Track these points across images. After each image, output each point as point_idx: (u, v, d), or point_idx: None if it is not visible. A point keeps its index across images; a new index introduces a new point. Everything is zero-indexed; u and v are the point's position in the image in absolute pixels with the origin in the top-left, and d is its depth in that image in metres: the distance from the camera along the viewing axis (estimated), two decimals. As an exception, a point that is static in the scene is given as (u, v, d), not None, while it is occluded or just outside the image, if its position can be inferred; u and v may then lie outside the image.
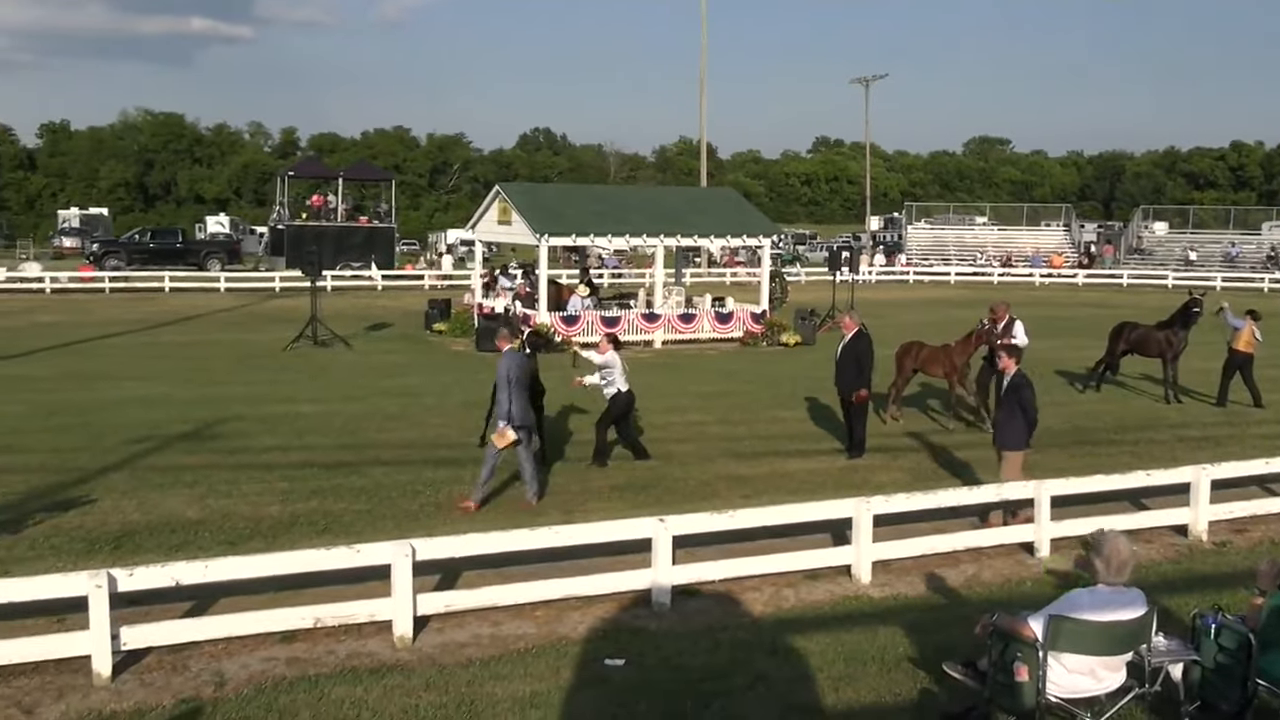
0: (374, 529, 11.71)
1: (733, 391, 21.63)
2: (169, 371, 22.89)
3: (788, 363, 26.28)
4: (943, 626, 9.29)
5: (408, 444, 15.97)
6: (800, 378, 23.19)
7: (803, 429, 17.92)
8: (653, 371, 24.10)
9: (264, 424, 17.35)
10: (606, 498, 13.27)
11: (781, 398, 20.85)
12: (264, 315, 35.94)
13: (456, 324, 30.86)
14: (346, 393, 20.38)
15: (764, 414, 19.14)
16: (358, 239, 52.70)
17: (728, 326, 29.80)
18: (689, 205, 31.44)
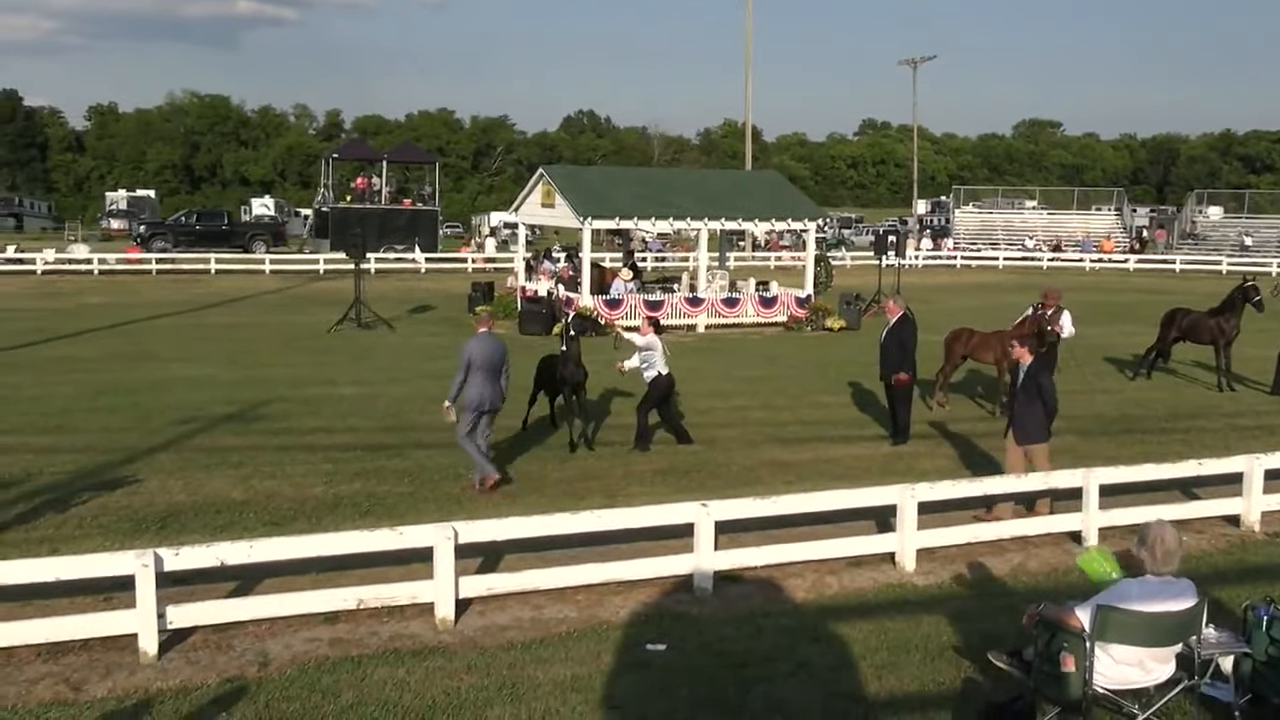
0: (416, 511, 11.80)
1: (776, 376, 21.56)
2: (214, 353, 23.16)
3: (832, 347, 26.15)
4: (988, 615, 9.23)
5: (449, 427, 15.99)
6: (844, 363, 23.06)
7: (847, 415, 17.84)
8: (696, 355, 24.07)
9: (308, 406, 17.51)
10: (649, 482, 13.30)
11: (825, 383, 20.76)
12: (308, 297, 36.24)
13: (499, 307, 30.95)
14: (390, 375, 20.52)
15: (808, 399, 19.07)
16: (401, 221, 52.96)
17: (772, 311, 29.70)
18: (733, 188, 31.33)
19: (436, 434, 15.62)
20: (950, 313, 31.90)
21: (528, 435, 15.79)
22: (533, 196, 30.78)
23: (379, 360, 22.34)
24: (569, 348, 14.87)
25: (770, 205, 30.35)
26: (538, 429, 16.18)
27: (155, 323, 28.64)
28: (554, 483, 13.23)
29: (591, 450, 14.78)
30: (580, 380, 14.91)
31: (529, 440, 15.47)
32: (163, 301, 33.70)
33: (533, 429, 16.13)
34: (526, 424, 16.09)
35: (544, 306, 27.96)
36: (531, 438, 15.65)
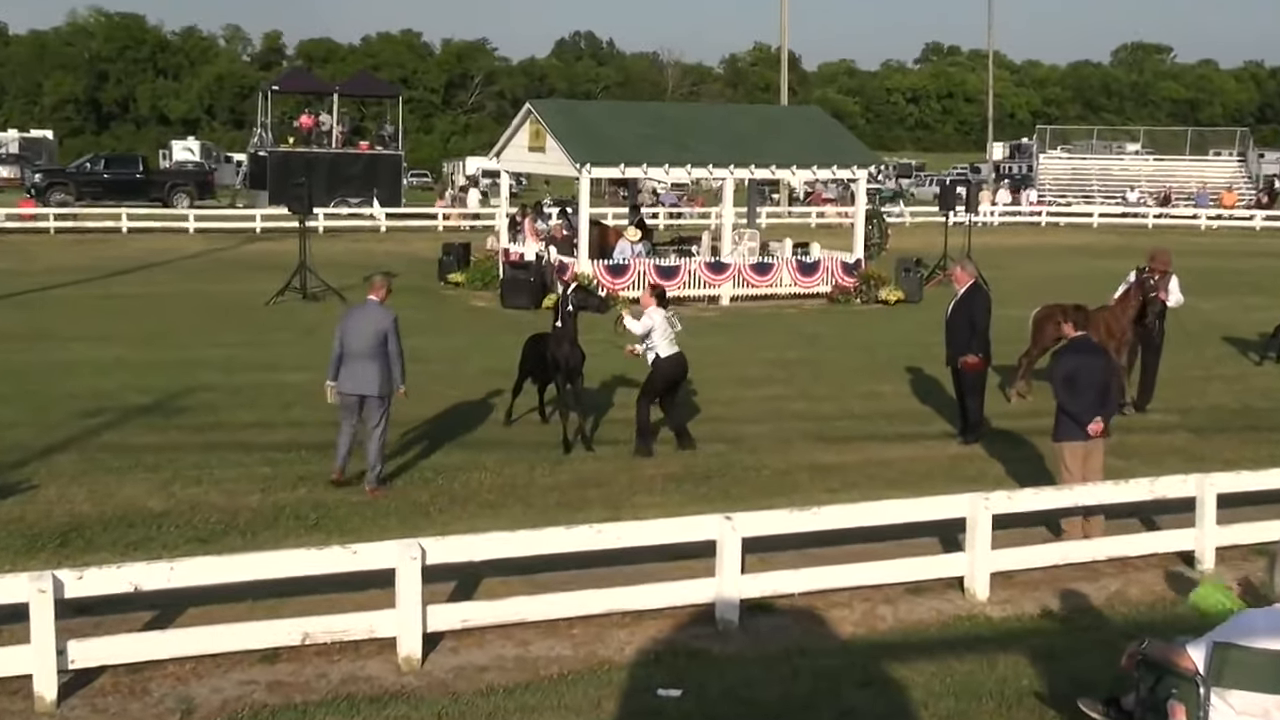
0: (375, 525, 11.81)
1: (818, 360, 21.56)
2: (126, 331, 23.20)
3: (887, 324, 26.14)
4: (1078, 654, 9.23)
5: (415, 421, 16.11)
6: (902, 343, 23.05)
7: (904, 407, 17.85)
8: (718, 333, 24.06)
9: (241, 395, 17.54)
10: (660, 490, 13.31)
11: (878, 367, 20.77)
12: (241, 262, 36.29)
13: (477, 274, 30.99)
14: (342, 358, 20.58)
15: (856, 387, 19.08)
16: (356, 169, 53.04)
17: (812, 279, 29.71)
18: (766, 128, 31.31)
19: (398, 430, 15.62)
20: (1031, 282, 31.87)
21: (512, 432, 15.82)
22: (518, 139, 30.77)
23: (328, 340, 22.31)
24: (563, 324, 14.87)
25: (811, 149, 30.32)
26: (524, 425, 16.20)
27: (53, 293, 28.71)
28: (544, 490, 13.24)
29: (590, 451, 14.79)
30: (576, 364, 14.91)
31: (513, 438, 15.49)
32: (63, 267, 33.77)
33: (518, 424, 16.16)
34: (511, 418, 16.12)
35: (532, 274, 27.98)
36: (516, 435, 15.66)
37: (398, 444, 14.87)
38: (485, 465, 14.03)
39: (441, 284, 31.37)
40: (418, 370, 19.61)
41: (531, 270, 28.13)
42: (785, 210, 57.03)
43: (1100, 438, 11.74)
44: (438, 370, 19.71)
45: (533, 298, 27.29)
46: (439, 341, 22.71)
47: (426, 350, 21.71)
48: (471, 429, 15.88)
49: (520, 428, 16.03)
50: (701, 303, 28.54)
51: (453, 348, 22.02)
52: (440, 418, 16.45)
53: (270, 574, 8.98)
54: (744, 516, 9.96)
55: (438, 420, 16.30)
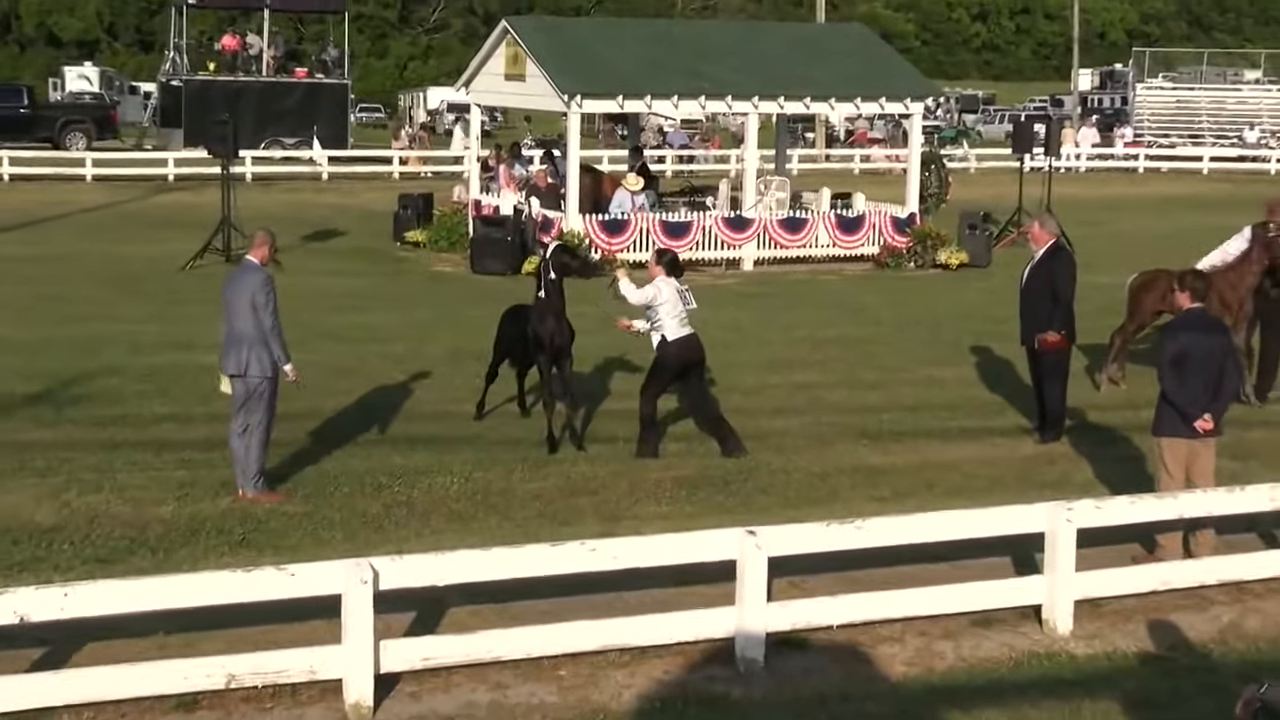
0: (315, 540, 11.84)
1: (862, 338, 21.58)
2: (8, 301, 23.21)
3: (947, 294, 26.18)
4: (1182, 701, 9.24)
5: (367, 414, 16.13)
6: (966, 317, 23.07)
7: (968, 396, 17.89)
8: (740, 306, 24.06)
9: (151, 381, 17.56)
10: (667, 497, 13.35)
11: (937, 347, 20.81)
12: (151, 217, 36.32)
13: (441, 232, 31.00)
14: (275, 336, 20.61)
15: (909, 372, 19.11)
16: (292, 102, 52.95)
17: (856, 238, 29.74)
18: (798, 52, 31.23)
19: (346, 425, 15.65)
20: (1126, 242, 31.86)
21: (485, 427, 15.84)
22: (492, 65, 30.75)
23: (259, 313, 22.42)
24: (547, 294, 14.86)
25: (854, 77, 30.27)
26: (500, 418, 16.23)
27: (-80, 256, 28.70)
28: (524, 499, 13.26)
29: (581, 450, 14.83)
30: (564, 344, 14.92)
31: (487, 435, 15.52)
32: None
33: (493, 417, 16.19)
34: (483, 410, 16.14)
35: (509, 231, 27.99)
36: (491, 431, 15.69)
37: (344, 443, 14.91)
38: (452, 468, 14.05)
39: (398, 244, 31.37)
40: (370, 352, 19.76)
41: (508, 227, 28.15)
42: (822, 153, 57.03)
43: (1210, 435, 11.72)
44: (393, 351, 19.72)
45: (510, 261, 27.30)
46: (394, 316, 22.71)
47: (379, 327, 21.72)
48: (435, 424, 15.89)
49: (495, 422, 16.05)
50: (718, 268, 28.56)
51: (411, 323, 22.03)
52: (396, 410, 16.47)
53: (187, 601, 8.98)
54: (771, 531, 9.96)
55: (393, 413, 16.31)
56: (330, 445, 14.84)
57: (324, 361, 18.74)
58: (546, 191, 29.99)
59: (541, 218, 28.34)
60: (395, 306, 23.64)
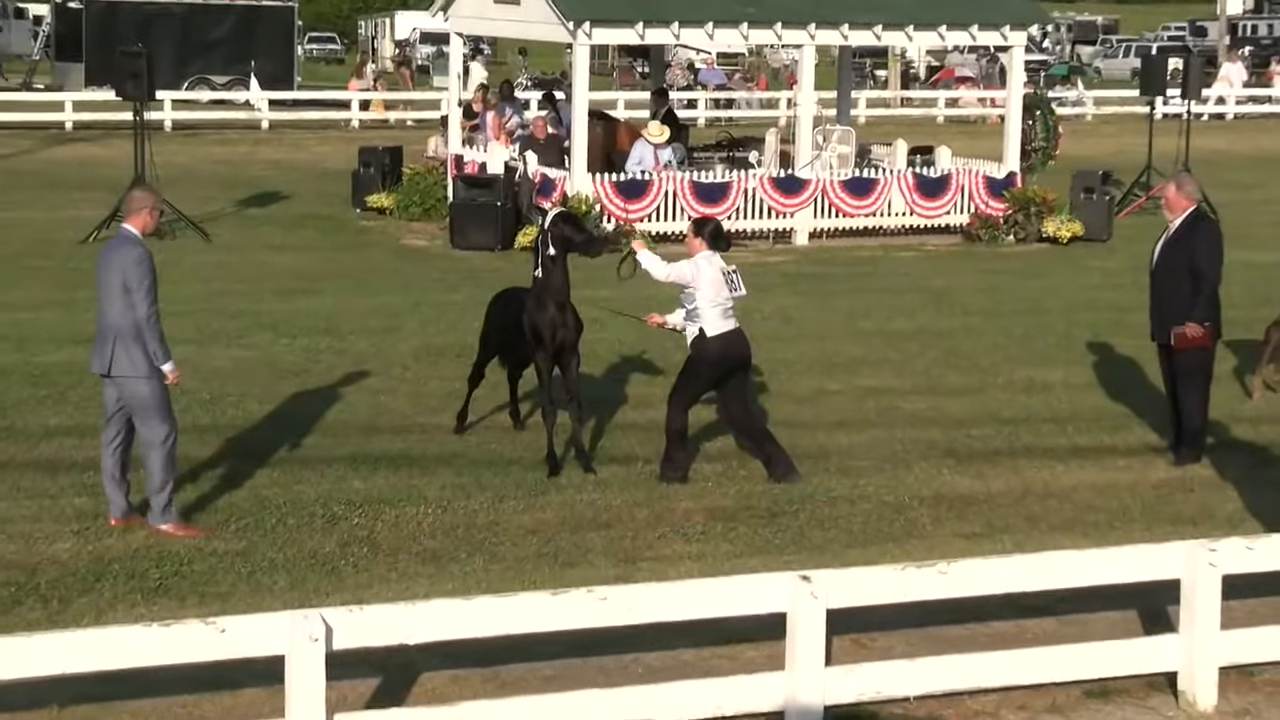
0: (252, 587, 11.83)
1: (947, 331, 21.57)
2: None
3: (1057, 275, 26.15)
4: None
5: (318, 427, 16.18)
6: (1080, 304, 23.05)
7: (1082, 405, 17.86)
8: (792, 290, 24.02)
9: (44, 385, 17.58)
10: (699, 533, 13.32)
11: (1043, 343, 20.81)
12: (44, 175, 36.32)
13: (412, 195, 30.95)
14: (202, 325, 20.66)
15: (1007, 375, 19.10)
16: (223, 30, 53.04)
17: (939, 204, 29.73)
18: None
19: (291, 439, 15.65)
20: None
21: (468, 443, 15.86)
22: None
23: (181, 297, 22.38)
24: (547, 276, 14.78)
25: (937, 0, 30.16)
26: (487, 431, 16.25)
27: None
28: (517, 534, 13.25)
29: (590, 473, 14.81)
30: (569, 339, 14.84)
31: (470, 453, 15.53)
32: None
33: (478, 431, 16.22)
34: (466, 421, 16.17)
35: (498, 195, 27.94)
36: (475, 448, 15.71)
37: (288, 463, 14.90)
38: (426, 495, 14.05)
39: (358, 211, 31.37)
40: (322, 347, 19.74)
41: (498, 189, 28.10)
42: (897, 96, 57.01)
43: None
44: (352, 347, 19.71)
45: (499, 232, 27.28)
46: (354, 302, 22.71)
47: (334, 316, 21.70)
48: (405, 439, 15.91)
49: (481, 436, 16.06)
50: (764, 241, 28.54)
51: (375, 312, 22.04)
52: (355, 421, 16.49)
53: (88, 664, 8.97)
54: (830, 576, 9.93)
55: (351, 425, 16.33)
56: (271, 466, 14.83)
57: (264, 359, 18.78)
58: (546, 144, 29.97)
59: (540, 178, 28.34)
60: (354, 290, 23.64)
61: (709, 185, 28.40)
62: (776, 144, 30.81)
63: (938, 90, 60.39)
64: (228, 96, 50.72)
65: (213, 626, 9.12)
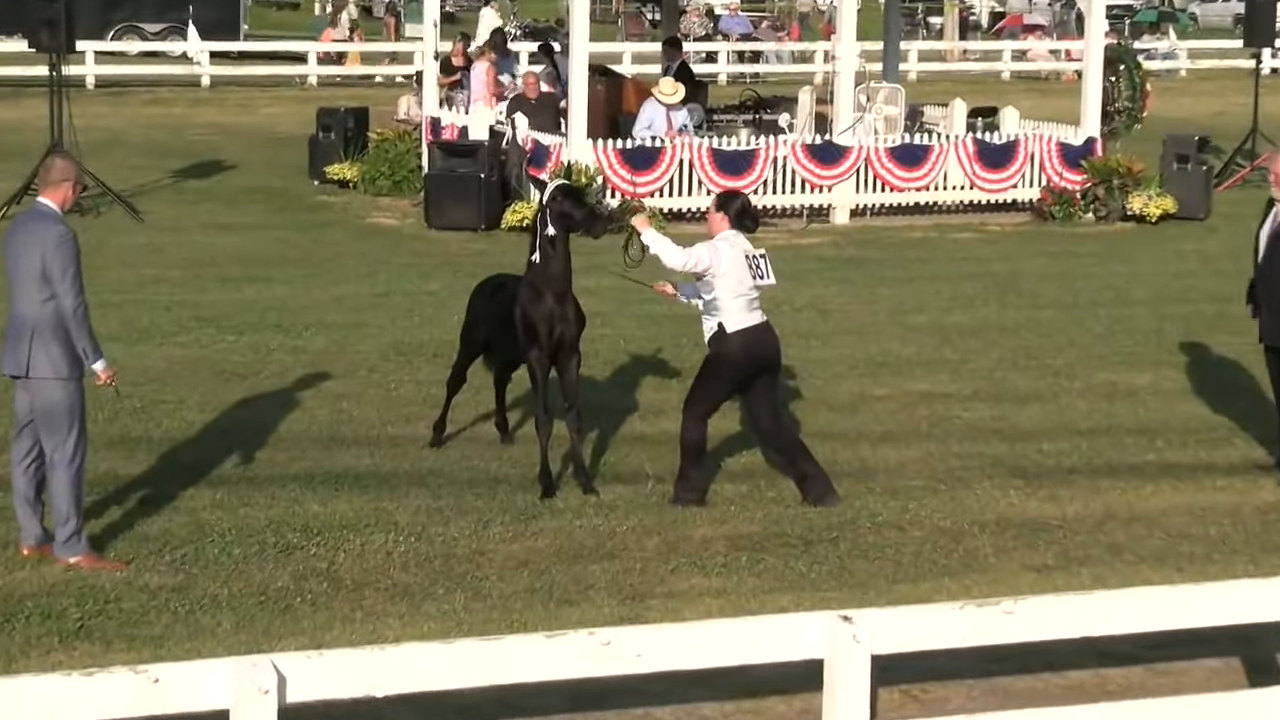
0: (191, 629, 11.83)
1: (1014, 326, 21.59)
2: None
3: (1144, 260, 26.18)
4: None
5: (268, 440, 16.19)
6: (1172, 296, 23.07)
7: (1174, 415, 17.87)
8: (830, 278, 24.03)
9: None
10: (719, 565, 13.31)
11: (1127, 341, 20.83)
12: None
13: (380, 165, 30.97)
14: (130, 319, 20.71)
15: (1084, 378, 19.12)
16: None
17: (1005, 176, 29.73)
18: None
19: (236, 454, 15.66)
20: None
21: (447, 459, 15.87)
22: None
23: (106, 286, 22.41)
24: (544, 260, 14.70)
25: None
26: (469, 444, 16.28)
27: None
28: (506, 567, 13.25)
29: (592, 494, 14.82)
30: (568, 335, 14.78)
31: (449, 470, 15.55)
32: None
33: (458, 444, 16.25)
34: (443, 432, 16.22)
35: (482, 165, 27.92)
36: (454, 465, 15.72)
37: (234, 482, 14.91)
38: (397, 520, 14.06)
39: (316, 184, 31.40)
40: (273, 345, 19.77)
41: (481, 159, 28.08)
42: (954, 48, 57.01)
43: None
44: (308, 345, 19.73)
45: (482, 209, 27.27)
46: (311, 292, 22.73)
47: (288, 308, 21.73)
48: (371, 453, 15.95)
49: (463, 451, 16.08)
50: (797, 219, 28.55)
51: (336, 304, 22.10)
52: (313, 432, 16.52)
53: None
54: (876, 616, 9.92)
55: (308, 437, 16.36)
56: (214, 485, 14.83)
57: (204, 359, 18.79)
58: (539, 104, 30.00)
59: (531, 144, 28.35)
60: (311, 278, 23.68)
61: (731, 154, 28.42)
62: (811, 105, 30.81)
63: (1002, 41, 60.40)
64: (161, 48, 50.73)
65: (144, 675, 9.13)
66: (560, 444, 15.11)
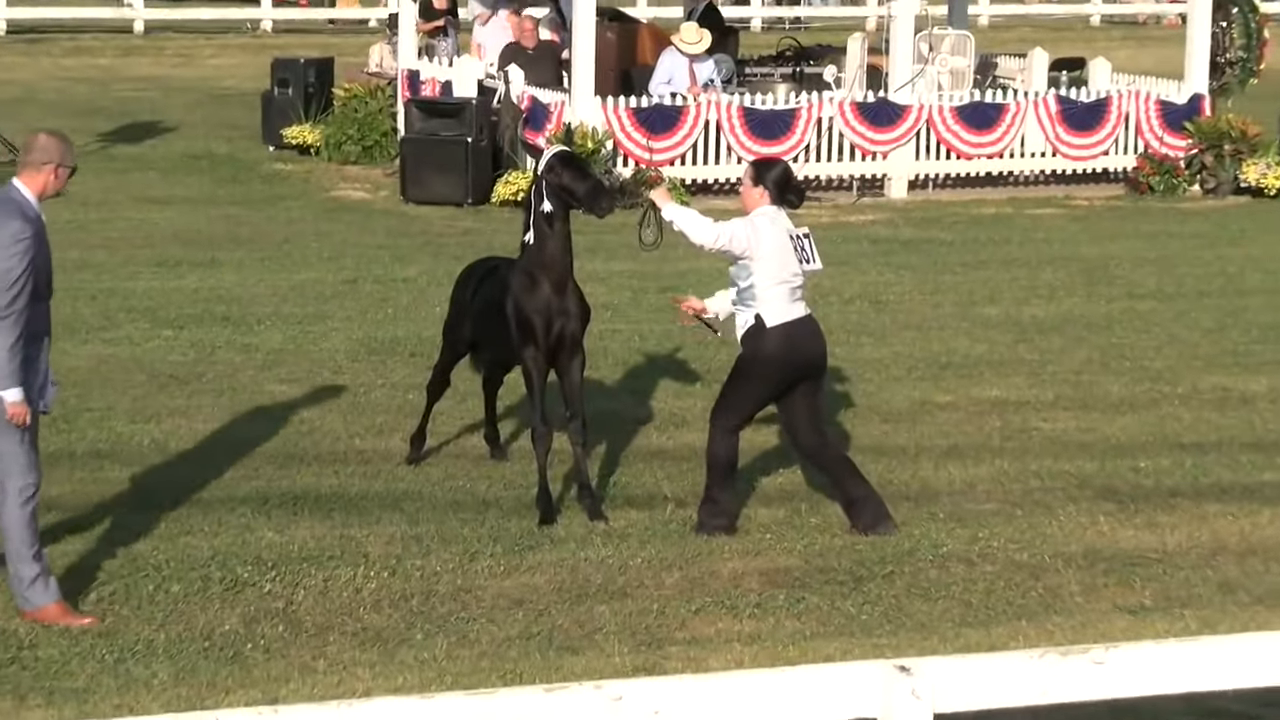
0: (122, 681, 11.79)
1: (1105, 321, 21.58)
2: None
3: (1261, 240, 26.18)
4: None
5: (215, 455, 16.19)
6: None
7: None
8: (885, 263, 24.02)
9: None
10: (752, 605, 13.27)
11: (1242, 338, 20.83)
12: None
13: (347, 127, 30.97)
14: (50, 311, 20.62)
15: (1189, 382, 19.10)
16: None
17: (1093, 140, 29.71)
18: None
19: (175, 473, 15.67)
20: None
21: (425, 478, 15.86)
22: None
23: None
24: (540, 242, 14.69)
25: None
26: (452, 461, 16.28)
27: None
28: (498, 607, 13.22)
29: (600, 520, 14.80)
30: (569, 330, 14.78)
31: (430, 491, 15.53)
32: None
33: (440, 459, 16.26)
34: (422, 447, 16.22)
35: (470, 127, 27.89)
36: (437, 484, 15.70)
37: (174, 505, 14.89)
38: (367, 551, 14.04)
39: (271, 150, 31.44)
40: (220, 342, 19.82)
41: (468, 118, 28.09)
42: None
43: None
44: (263, 342, 19.74)
45: (469, 180, 27.27)
46: (265, 278, 22.76)
47: (238, 298, 21.77)
48: (337, 472, 15.94)
49: (446, 469, 16.08)
50: (846, 192, 28.55)
51: (295, 293, 22.14)
52: (267, 446, 16.52)
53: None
54: (939, 667, 9.90)
55: (261, 452, 16.35)
56: (148, 510, 14.80)
57: (137, 359, 18.81)
58: (537, 55, 29.99)
59: (529, 102, 28.34)
60: (265, 262, 23.69)
61: (767, 114, 28.42)
62: (863, 55, 30.80)
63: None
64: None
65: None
66: (562, 460, 15.11)
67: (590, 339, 15.35)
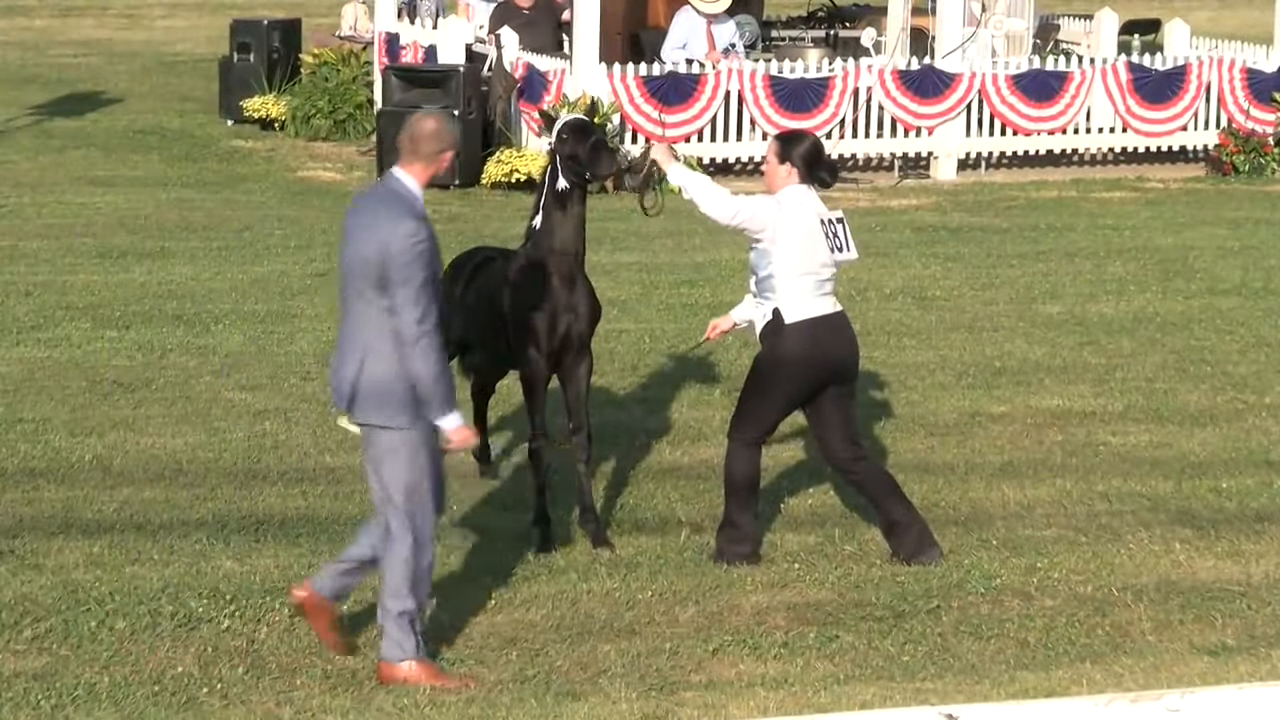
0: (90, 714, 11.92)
1: (1182, 320, 21.62)
2: None
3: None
4: None
5: (165, 470, 16.29)
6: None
7: None
8: (929, 253, 24.07)
9: None
10: (778, 645, 13.30)
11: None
12: None
13: (314, 98, 30.99)
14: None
15: (1277, 388, 19.15)
16: None
17: (1169, 114, 29.71)
18: None
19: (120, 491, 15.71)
20: None
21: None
22: None
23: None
24: (552, 227, 14.67)
25: None
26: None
27: None
28: (489, 644, 13.28)
29: (605, 548, 14.89)
30: (576, 329, 14.78)
31: (409, 514, 15.53)
32: None
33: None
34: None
35: (457, 98, 27.92)
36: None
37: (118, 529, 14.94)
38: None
39: (230, 125, 31.51)
40: (173, 343, 19.90)
41: (454, 88, 28.11)
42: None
43: None
44: (221, 345, 19.80)
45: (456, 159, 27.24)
46: (223, 271, 22.82)
47: (191, 294, 21.84)
48: (304, 492, 16.03)
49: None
50: (887, 172, 28.61)
51: (256, 287, 22.21)
52: (225, 463, 16.60)
53: None
54: (992, 714, 9.98)
55: (218, 470, 16.42)
56: (90, 535, 14.89)
57: (77, 363, 18.86)
58: (533, 15, 30.01)
59: (524, 70, 28.38)
60: (223, 253, 23.75)
61: (796, 83, 28.46)
62: (906, 16, 30.82)
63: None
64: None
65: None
66: (563, 479, 15.14)
67: (595, 340, 15.29)
